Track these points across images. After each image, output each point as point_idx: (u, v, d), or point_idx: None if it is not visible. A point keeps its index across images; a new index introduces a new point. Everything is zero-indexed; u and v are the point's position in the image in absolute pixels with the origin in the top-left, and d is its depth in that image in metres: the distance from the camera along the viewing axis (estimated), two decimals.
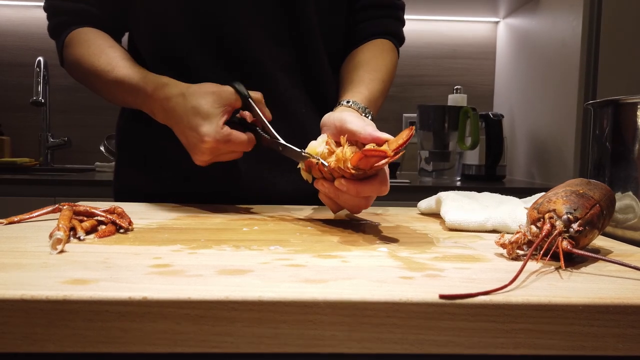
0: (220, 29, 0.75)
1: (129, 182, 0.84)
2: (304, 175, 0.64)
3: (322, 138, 0.61)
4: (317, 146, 0.60)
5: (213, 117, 0.64)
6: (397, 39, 0.88)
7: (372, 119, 0.70)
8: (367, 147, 0.53)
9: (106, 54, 0.74)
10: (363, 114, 0.69)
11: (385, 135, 0.54)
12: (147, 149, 0.81)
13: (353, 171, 0.54)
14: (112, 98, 0.77)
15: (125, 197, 0.84)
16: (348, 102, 0.70)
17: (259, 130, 0.68)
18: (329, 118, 0.63)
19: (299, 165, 0.64)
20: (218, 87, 0.66)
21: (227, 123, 0.65)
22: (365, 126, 0.56)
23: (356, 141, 0.58)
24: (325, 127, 0.63)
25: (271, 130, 0.67)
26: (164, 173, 0.80)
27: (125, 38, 0.84)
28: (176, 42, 0.75)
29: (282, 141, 0.66)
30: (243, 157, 0.70)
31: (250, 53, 0.76)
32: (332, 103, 0.76)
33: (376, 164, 0.52)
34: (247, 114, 0.69)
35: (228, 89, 0.66)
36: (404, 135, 0.51)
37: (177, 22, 0.74)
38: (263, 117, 0.67)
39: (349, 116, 0.59)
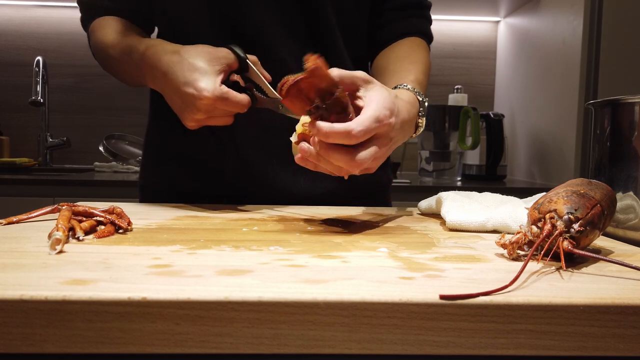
0: (242, 27, 0.75)
1: (154, 182, 0.85)
2: (295, 150, 0.61)
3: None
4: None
5: (211, 73, 0.62)
6: (427, 37, 0.89)
7: (424, 102, 0.68)
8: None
9: (115, 31, 0.76)
10: (417, 96, 0.68)
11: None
12: (173, 148, 0.82)
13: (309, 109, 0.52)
14: (124, 76, 0.78)
15: (150, 196, 0.84)
16: (405, 85, 0.68)
17: (255, 92, 0.67)
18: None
19: (292, 138, 0.61)
20: (214, 48, 0.65)
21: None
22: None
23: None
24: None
25: (271, 90, 0.66)
26: (189, 173, 0.81)
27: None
28: (197, 40, 0.76)
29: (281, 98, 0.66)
30: (269, 161, 0.69)
31: (270, 51, 0.76)
32: None
33: (285, 83, 0.50)
34: (238, 77, 0.68)
35: (224, 49, 0.65)
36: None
37: (196, 20, 0.76)
38: (262, 77, 0.67)
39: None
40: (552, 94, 1.71)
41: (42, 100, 1.90)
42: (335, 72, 0.53)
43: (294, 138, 0.59)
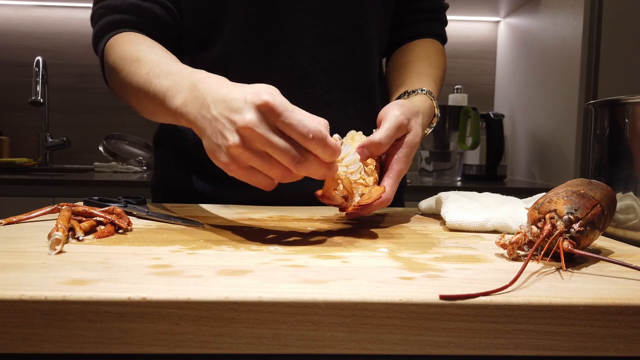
0: (275, 35, 0.74)
1: (166, 182, 0.84)
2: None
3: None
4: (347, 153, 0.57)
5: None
6: (444, 40, 0.90)
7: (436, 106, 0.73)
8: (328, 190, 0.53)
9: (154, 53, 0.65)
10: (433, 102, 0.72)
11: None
12: (183, 149, 0.81)
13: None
14: (149, 111, 0.63)
15: (161, 196, 0.84)
16: (422, 90, 0.72)
17: None
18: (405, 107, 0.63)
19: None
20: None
21: None
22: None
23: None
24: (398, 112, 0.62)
25: None
26: (199, 173, 0.80)
27: None
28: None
29: None
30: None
31: (292, 55, 0.74)
32: (377, 105, 0.79)
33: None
34: None
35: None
36: (373, 196, 0.52)
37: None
38: None
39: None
40: (552, 94, 1.71)
41: (41, 100, 1.90)
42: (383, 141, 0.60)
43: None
